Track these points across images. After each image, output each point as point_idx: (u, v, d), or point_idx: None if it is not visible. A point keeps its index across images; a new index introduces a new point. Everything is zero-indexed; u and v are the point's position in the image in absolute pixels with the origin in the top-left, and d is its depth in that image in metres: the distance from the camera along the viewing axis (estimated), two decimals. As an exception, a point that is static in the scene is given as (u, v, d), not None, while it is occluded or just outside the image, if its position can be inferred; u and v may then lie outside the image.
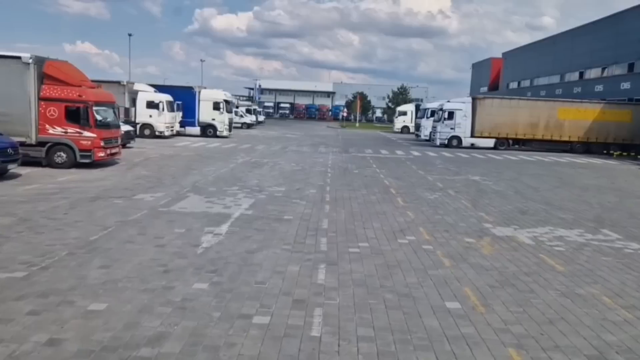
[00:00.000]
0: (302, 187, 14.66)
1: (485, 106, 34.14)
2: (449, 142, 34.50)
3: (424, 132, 42.08)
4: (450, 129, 34.48)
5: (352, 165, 21.24)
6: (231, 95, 36.87)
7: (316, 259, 7.56)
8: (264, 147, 28.46)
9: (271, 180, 15.63)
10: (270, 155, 23.83)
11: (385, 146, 34.21)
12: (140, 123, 31.71)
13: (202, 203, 11.55)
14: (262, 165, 19.58)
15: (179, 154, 22.52)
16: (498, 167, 23.37)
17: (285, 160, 21.80)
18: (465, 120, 34.23)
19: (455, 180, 17.61)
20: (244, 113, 53.29)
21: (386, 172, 19.05)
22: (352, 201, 12.66)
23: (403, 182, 16.49)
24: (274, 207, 11.48)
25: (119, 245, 7.82)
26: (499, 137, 34.39)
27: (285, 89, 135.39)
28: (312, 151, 27.52)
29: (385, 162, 22.97)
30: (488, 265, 7.65)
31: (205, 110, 35.14)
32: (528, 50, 59.74)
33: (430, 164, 23.07)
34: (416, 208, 12.07)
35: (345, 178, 16.99)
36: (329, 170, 19.10)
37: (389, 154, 27.95)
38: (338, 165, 21.03)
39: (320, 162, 21.69)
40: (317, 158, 23.61)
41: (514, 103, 34.36)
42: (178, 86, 36.32)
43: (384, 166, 21.25)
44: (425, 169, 20.72)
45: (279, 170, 18.20)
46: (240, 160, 21.31)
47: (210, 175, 16.19)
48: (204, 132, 35.21)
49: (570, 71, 48.30)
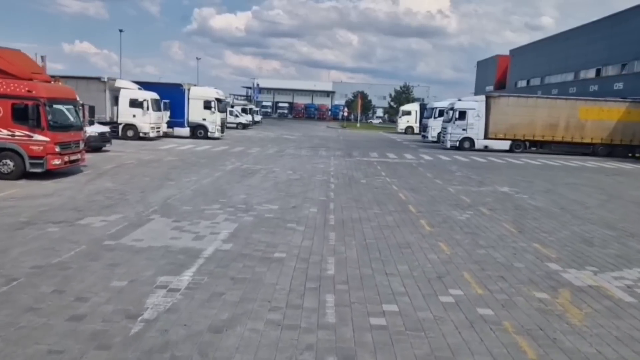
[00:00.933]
0: (300, 203, 11.84)
1: (500, 105, 31.32)
2: (461, 144, 31.69)
3: (432, 133, 39.31)
4: (462, 130, 31.65)
5: (358, 172, 18.41)
6: (223, 93, 34.01)
7: (321, 347, 4.74)
8: (258, 151, 25.62)
9: (262, 195, 12.80)
10: (264, 161, 21.00)
11: (391, 149, 31.39)
12: (123, 123, 28.93)
13: (167, 231, 8.72)
14: (253, 174, 16.75)
15: (160, 159, 19.68)
16: (523, 174, 20.55)
17: (281, 167, 18.98)
18: (478, 120, 31.42)
19: (483, 193, 14.78)
20: (239, 113, 50.47)
21: (399, 182, 16.23)
22: (364, 224, 9.85)
23: (421, 196, 13.67)
24: (262, 236, 8.65)
25: (8, 321, 4.97)
26: (514, 138, 31.56)
27: (283, 88, 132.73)
28: (311, 155, 24.71)
29: (395, 169, 20.15)
30: (592, 354, 4.83)
31: (195, 110, 32.31)
32: (538, 47, 56.91)
33: (446, 171, 20.26)
34: (448, 236, 9.25)
35: (352, 190, 14.17)
36: (332, 179, 16.28)
37: (397, 158, 25.13)
38: (342, 172, 18.21)
39: (321, 169, 18.87)
40: (317, 164, 20.79)
41: (532, 102, 31.53)
42: (165, 83, 33.49)
43: (394, 174, 18.44)
44: (443, 178, 17.90)
45: (272, 181, 15.37)
46: (229, 166, 18.48)
47: (189, 187, 13.35)
48: (193, 133, 32.39)
49: (585, 68, 45.45)
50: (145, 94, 29.05)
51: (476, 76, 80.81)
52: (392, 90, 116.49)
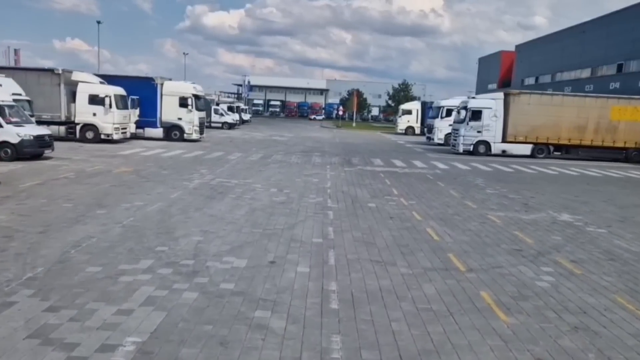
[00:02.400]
0: (283, 254, 7.61)
1: (521, 104, 27.20)
2: (475, 148, 27.55)
3: (438, 134, 35.24)
4: (476, 133, 27.51)
5: (363, 190, 14.21)
6: (202, 89, 29.68)
7: None
8: (239, 157, 21.34)
9: (227, 235, 8.55)
10: (243, 172, 16.73)
11: (395, 154, 27.20)
12: (81, 123, 24.58)
13: (18, 341, 4.47)
14: (224, 194, 12.49)
15: (109, 171, 15.38)
16: (570, 190, 16.44)
17: (263, 182, 14.74)
18: (496, 121, 27.30)
19: (541, 225, 10.61)
20: (224, 111, 46.08)
21: (419, 206, 12.05)
22: (391, 310, 5.65)
23: (460, 234, 9.47)
24: (198, 353, 4.42)
25: None
26: (537, 142, 27.47)
27: (276, 86, 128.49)
28: (303, 162, 20.47)
29: (408, 183, 15.96)
30: None
31: (169, 108, 27.99)
32: (547, 42, 52.97)
33: (471, 186, 16.11)
34: (542, 335, 5.07)
35: (359, 222, 9.96)
36: (329, 202, 12.07)
37: (406, 167, 20.93)
38: (342, 190, 14.01)
39: (314, 185, 14.66)
40: (310, 176, 16.56)
41: (557, 100, 27.43)
42: (133, 77, 29.13)
43: (409, 191, 14.27)
44: (474, 198, 13.73)
45: (247, 207, 11.11)
46: (195, 182, 14.21)
47: (121, 221, 9.08)
48: (168, 135, 28.08)
49: (605, 63, 41.48)
50: (107, 88, 24.69)
51: (477, 73, 76.93)
52: (387, 89, 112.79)
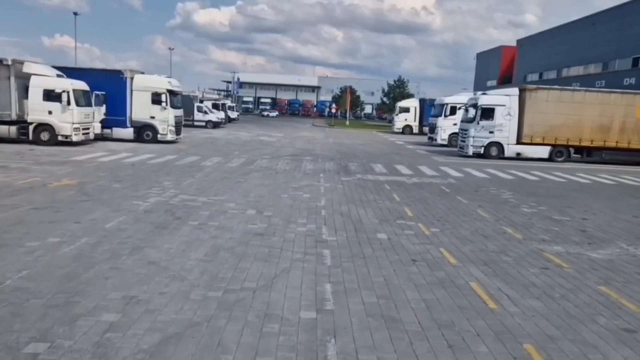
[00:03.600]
0: (248, 356, 4.41)
1: (538, 100, 24.18)
2: (486, 150, 24.50)
3: (441, 134, 32.19)
4: (488, 133, 24.44)
5: (368, 210, 11.04)
6: (179, 84, 26.36)
7: None
8: (217, 163, 18.09)
9: (161, 307, 5.30)
10: (216, 185, 13.49)
11: (397, 157, 24.07)
12: (35, 123, 21.22)
13: None
14: (183, 220, 9.26)
15: (42, 185, 12.09)
16: (618, 205, 13.38)
17: (239, 199, 11.52)
18: (510, 120, 24.26)
19: (629, 271, 7.50)
20: (208, 109, 42.69)
21: (447, 236, 8.90)
22: None
23: (525, 294, 6.30)
24: None
25: None
26: (555, 143, 24.46)
27: (266, 83, 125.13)
28: (292, 169, 17.28)
29: (423, 198, 12.80)
30: None
31: (140, 105, 24.65)
32: (552, 35, 50.06)
33: (499, 202, 13.00)
34: None
35: (370, 274, 6.78)
36: (325, 233, 8.88)
37: (413, 174, 17.79)
38: (340, 210, 10.83)
39: (305, 203, 11.46)
40: (299, 189, 13.36)
41: (579, 96, 24.39)
42: (99, 69, 25.71)
43: (426, 211, 11.12)
44: (511, 221, 10.61)
45: (209, 244, 7.85)
46: (150, 200, 10.96)
47: (9, 278, 5.85)
48: (139, 135, 24.77)
49: (618, 57, 38.59)
50: (65, 82, 21.32)
51: (476, 70, 74.02)
52: (380, 86, 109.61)
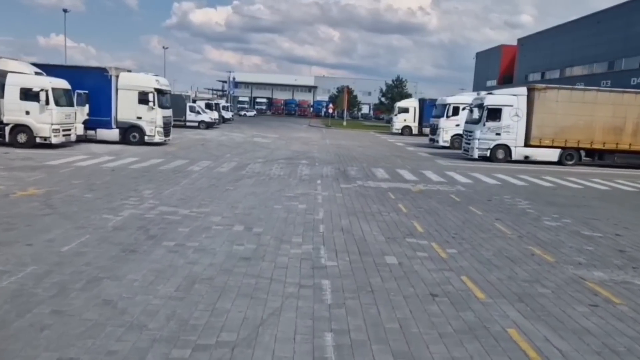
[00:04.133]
0: None
1: (548, 101, 22.89)
2: (492, 153, 23.19)
3: (443, 136, 30.87)
4: (494, 135, 23.13)
5: (372, 225, 9.65)
6: (168, 82, 24.94)
7: None
8: (205, 168, 16.69)
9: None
10: (202, 194, 12.09)
11: (399, 160, 22.71)
12: (12, 123, 19.78)
13: None
14: (157, 240, 7.86)
15: (4, 196, 10.67)
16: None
17: (226, 212, 10.13)
18: (517, 121, 22.96)
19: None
20: (201, 109, 41.24)
21: (467, 259, 7.54)
22: None
23: (582, 348, 4.98)
24: None
25: None
26: (566, 146, 23.18)
27: (262, 83, 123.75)
28: (287, 175, 15.90)
29: (433, 210, 11.44)
30: None
31: (126, 105, 23.23)
32: (554, 34, 48.86)
33: (518, 213, 11.66)
34: None
35: (381, 315, 5.39)
36: (324, 256, 7.50)
37: (418, 180, 16.43)
38: (341, 226, 9.45)
39: (300, 217, 10.08)
40: (295, 199, 11.98)
41: (590, 96, 23.12)
42: (81, 67, 24.24)
43: (439, 225, 9.76)
44: (536, 238, 9.27)
45: (182, 273, 6.44)
46: (123, 213, 9.55)
47: None
48: (125, 137, 23.35)
49: (625, 56, 37.37)
50: (44, 80, 19.88)
51: (475, 69, 72.80)
52: (377, 86, 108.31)
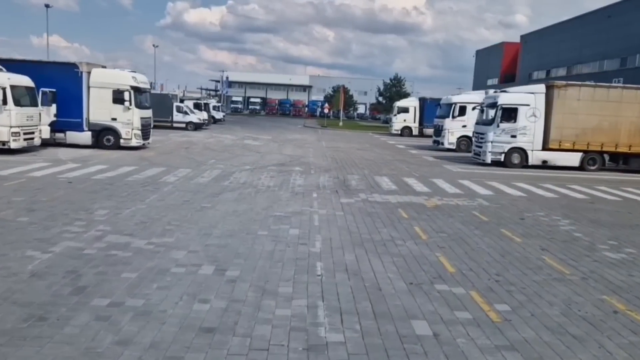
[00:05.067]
0: None
1: (568, 99, 20.62)
2: (507, 158, 20.88)
3: (449, 138, 28.58)
4: (509, 137, 20.84)
5: (386, 261, 7.28)
6: (147, 79, 22.52)
7: None
8: (182, 179, 14.27)
9: None
10: (170, 214, 9.66)
11: (404, 166, 20.35)
12: (-37, 126, 17.30)
13: None
14: (87, 295, 5.47)
15: None
16: None
17: (194, 244, 7.74)
18: (535, 122, 20.68)
19: None
20: (189, 109, 38.76)
21: (535, 332, 5.21)
22: None
23: None
24: None
25: None
26: (588, 149, 20.92)
27: (256, 82, 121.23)
28: (277, 186, 13.53)
29: (458, 235, 9.09)
30: None
31: (100, 104, 20.79)
32: (561, 30, 46.73)
33: (562, 237, 9.33)
34: None
35: None
36: (322, 316, 5.12)
37: (431, 192, 14.08)
38: (344, 263, 7.07)
39: (291, 248, 7.70)
40: (285, 221, 9.59)
41: (616, 94, 20.81)
42: (47, 62, 21.71)
43: (472, 261, 7.43)
44: (605, 280, 6.95)
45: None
46: (55, 248, 7.14)
47: None
48: (98, 140, 20.92)
49: (639, 52, 35.25)
50: (1, 77, 17.43)
51: (475, 68, 70.64)
52: (373, 86, 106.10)
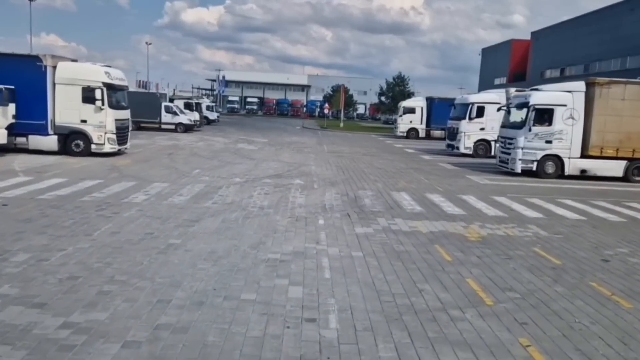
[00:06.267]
0: None
1: (611, 99, 17.74)
2: (540, 166, 18.01)
3: (465, 142, 25.68)
4: (544, 143, 17.94)
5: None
6: (123, 75, 19.59)
7: None
8: (153, 197, 11.30)
9: None
10: (117, 261, 6.71)
11: (423, 177, 17.40)
12: None
13: None
14: None
15: None
16: None
17: (132, 331, 4.83)
18: (572, 125, 17.83)
19: None
20: (179, 109, 35.79)
21: None
22: None
23: None
24: None
25: None
26: (633, 157, 18.07)
27: (253, 82, 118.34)
28: (272, 207, 10.60)
29: (541, 300, 6.21)
30: None
31: (67, 104, 17.86)
32: (576, 26, 43.89)
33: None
34: None
35: None
36: None
37: (466, 214, 11.15)
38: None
39: (293, 332, 4.80)
40: (280, 272, 6.66)
41: (667, 92, 18.06)
42: (3, 54, 18.59)
43: (582, 357, 4.57)
44: None
45: None
46: None
47: None
48: (66, 145, 18.01)
49: (669, 48, 32.53)
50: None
51: (481, 66, 67.81)
52: (372, 86, 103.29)
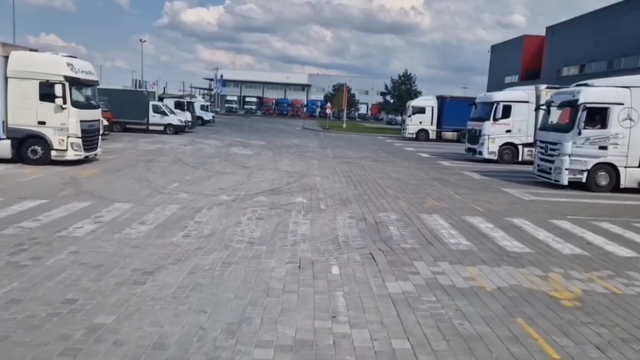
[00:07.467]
0: None
1: (679, 96, 14.76)
2: (590, 177, 14.99)
3: (489, 146, 22.65)
4: (597, 149, 14.90)
5: None
6: (92, 67, 16.56)
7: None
8: (105, 226, 8.24)
9: None
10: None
11: (451, 191, 14.33)
12: None
13: None
14: None
15: None
16: None
17: None
18: (631, 127, 14.80)
19: None
20: (169, 109, 32.73)
21: None
22: None
23: None
24: None
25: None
26: None
27: (253, 81, 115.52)
28: (264, 245, 7.57)
29: None
30: None
31: (21, 102, 14.85)
32: (596, 19, 40.82)
33: None
34: None
35: None
36: None
37: (529, 250, 8.09)
38: None
39: None
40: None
41: None
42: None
43: None
44: None
45: None
46: None
47: None
48: (20, 152, 15.00)
49: None
50: None
51: (490, 64, 64.77)
52: (373, 85, 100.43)
